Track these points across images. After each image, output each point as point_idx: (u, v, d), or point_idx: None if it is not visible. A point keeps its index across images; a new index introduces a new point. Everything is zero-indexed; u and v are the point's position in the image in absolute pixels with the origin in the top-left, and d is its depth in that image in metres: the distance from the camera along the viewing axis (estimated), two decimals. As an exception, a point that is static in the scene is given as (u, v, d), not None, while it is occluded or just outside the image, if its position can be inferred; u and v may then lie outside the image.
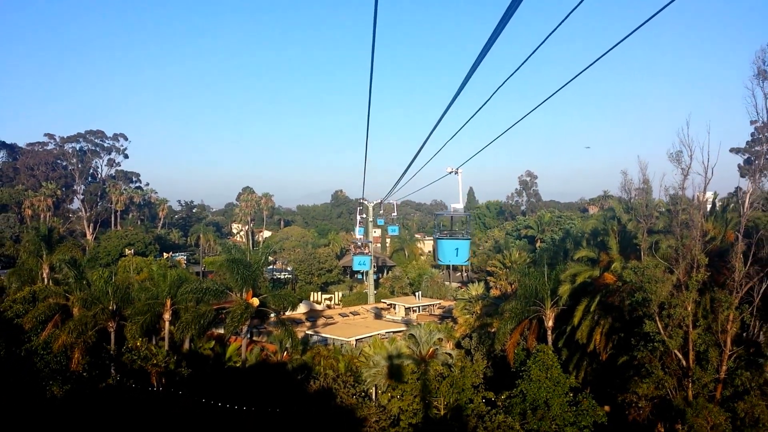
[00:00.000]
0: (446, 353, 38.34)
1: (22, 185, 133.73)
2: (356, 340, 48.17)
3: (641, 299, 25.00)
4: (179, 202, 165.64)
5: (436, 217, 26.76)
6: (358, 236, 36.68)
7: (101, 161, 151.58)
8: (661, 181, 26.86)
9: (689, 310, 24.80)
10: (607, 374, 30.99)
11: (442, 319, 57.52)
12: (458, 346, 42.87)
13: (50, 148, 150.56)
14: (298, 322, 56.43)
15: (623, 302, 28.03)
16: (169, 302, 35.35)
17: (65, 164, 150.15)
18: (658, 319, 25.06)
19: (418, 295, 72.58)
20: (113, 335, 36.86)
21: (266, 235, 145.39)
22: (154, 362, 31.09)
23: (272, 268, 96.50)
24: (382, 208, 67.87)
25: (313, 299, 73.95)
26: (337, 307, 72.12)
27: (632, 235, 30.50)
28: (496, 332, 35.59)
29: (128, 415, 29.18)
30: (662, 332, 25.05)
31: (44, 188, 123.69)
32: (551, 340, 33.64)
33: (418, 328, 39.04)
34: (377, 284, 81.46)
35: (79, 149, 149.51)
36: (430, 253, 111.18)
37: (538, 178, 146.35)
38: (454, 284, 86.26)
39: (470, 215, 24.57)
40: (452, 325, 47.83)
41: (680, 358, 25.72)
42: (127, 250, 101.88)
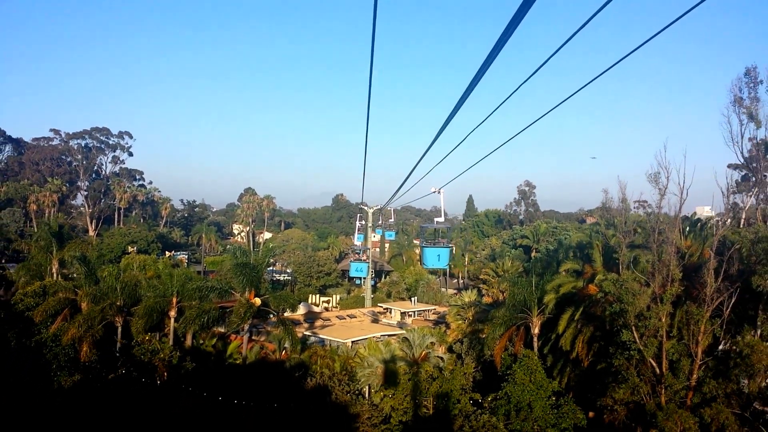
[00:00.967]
0: (438, 356, 40.10)
1: (27, 180, 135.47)
2: (352, 341, 49.82)
3: (618, 310, 26.78)
4: (182, 201, 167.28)
5: (422, 229, 29.55)
6: (357, 243, 38.33)
7: (106, 158, 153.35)
8: (638, 197, 28.65)
9: (663, 321, 26.56)
10: (588, 380, 32.72)
11: (436, 324, 59.15)
12: (450, 350, 44.55)
13: (55, 143, 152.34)
14: (296, 323, 57.98)
15: (604, 312, 29.78)
16: (174, 300, 37.13)
17: (70, 160, 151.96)
18: (634, 329, 26.82)
19: (413, 300, 74.28)
20: (120, 330, 38.59)
21: (267, 236, 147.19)
22: (161, 356, 32.88)
23: (272, 269, 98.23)
24: (381, 214, 69.62)
25: (311, 301, 75.63)
26: (334, 309, 73.77)
27: (615, 249, 32.28)
28: (485, 338, 37.32)
29: (135, 405, 30.89)
30: (638, 341, 26.81)
31: (50, 184, 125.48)
32: (537, 346, 35.42)
33: (411, 332, 40.79)
34: (375, 288, 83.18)
35: (84, 146, 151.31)
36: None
37: (536, 188, 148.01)
38: (450, 291, 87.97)
39: (450, 228, 27.68)
40: (445, 330, 49.52)
41: (654, 366, 27.47)
42: (129, 247, 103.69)
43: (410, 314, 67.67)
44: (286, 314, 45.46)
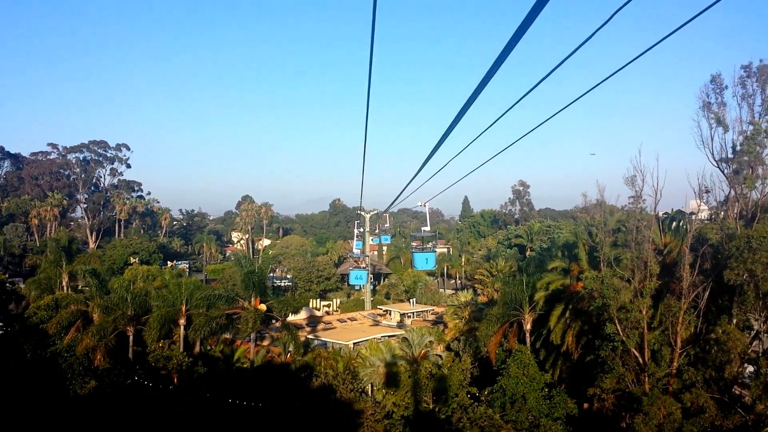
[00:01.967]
0: (436, 355, 41.98)
1: (27, 195, 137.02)
2: (354, 343, 51.64)
3: (601, 304, 28.67)
4: (180, 211, 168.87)
5: (412, 237, 32.98)
6: (356, 250, 40.10)
7: (104, 171, 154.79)
8: (616, 200, 30.56)
9: (644, 314, 28.43)
10: (578, 372, 34.59)
11: (434, 324, 60.97)
12: (448, 348, 46.35)
13: (53, 157, 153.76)
14: (299, 327, 59.74)
15: (590, 307, 31.64)
16: (183, 308, 38.92)
17: (68, 173, 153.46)
18: (617, 322, 28.69)
19: (412, 301, 76.13)
20: (131, 338, 40.32)
21: (266, 243, 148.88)
22: (174, 362, 34.66)
23: (272, 275, 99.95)
24: (378, 221, 71.30)
25: (312, 306, 77.39)
26: (335, 313, 75.56)
27: (600, 247, 34.17)
28: (480, 335, 39.16)
29: (151, 409, 32.63)
30: (621, 333, 28.68)
31: (50, 198, 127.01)
32: (530, 341, 37.29)
33: (411, 332, 42.66)
34: (374, 291, 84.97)
35: (82, 159, 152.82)
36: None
37: (530, 187, 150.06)
38: (448, 291, 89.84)
39: (434, 235, 31.78)
40: (443, 329, 51.37)
41: (637, 355, 29.35)
42: (132, 258, 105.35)
43: (409, 315, 69.52)
44: (288, 318, 47.31)
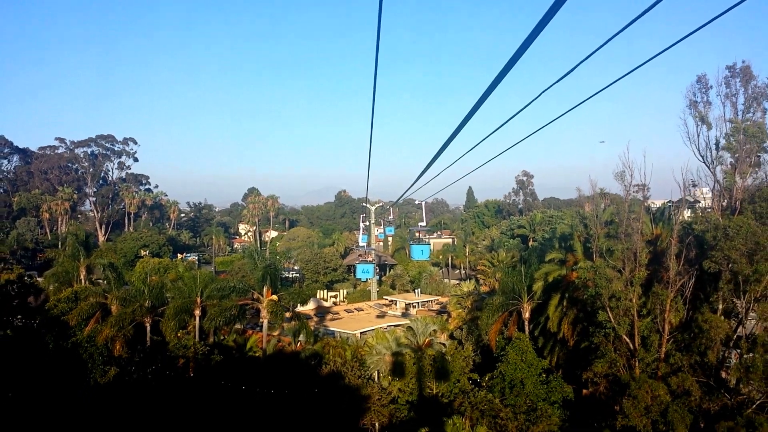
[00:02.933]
0: (440, 343, 43.90)
1: (37, 189, 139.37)
2: (361, 332, 53.65)
3: (594, 293, 30.45)
4: (188, 203, 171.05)
5: (410, 231, 36.79)
6: (361, 243, 41.86)
7: (112, 165, 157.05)
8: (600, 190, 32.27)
9: (634, 302, 30.22)
10: (574, 358, 36.45)
11: (439, 313, 62.85)
12: (451, 337, 48.28)
13: (61, 151, 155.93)
14: (307, 317, 61.78)
15: (585, 296, 33.44)
16: (199, 300, 40.90)
17: (76, 167, 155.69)
18: (609, 310, 30.49)
19: (417, 292, 78.06)
20: (149, 329, 42.35)
21: (272, 234, 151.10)
22: (192, 351, 36.69)
23: (280, 267, 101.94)
24: (384, 215, 73.10)
25: (319, 297, 79.41)
26: (342, 303, 77.58)
27: (593, 239, 35.92)
28: (481, 323, 41.03)
29: (170, 395, 34.65)
30: (612, 320, 30.49)
31: (61, 192, 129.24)
32: (528, 329, 39.15)
33: (415, 321, 44.57)
34: (380, 282, 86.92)
35: (90, 153, 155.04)
36: (431, 251, 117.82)
37: (534, 177, 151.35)
38: (453, 281, 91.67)
39: (429, 229, 37.41)
40: (447, 318, 53.28)
41: (628, 341, 31.15)
42: (142, 251, 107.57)
43: (414, 305, 71.43)
44: (297, 309, 49.32)
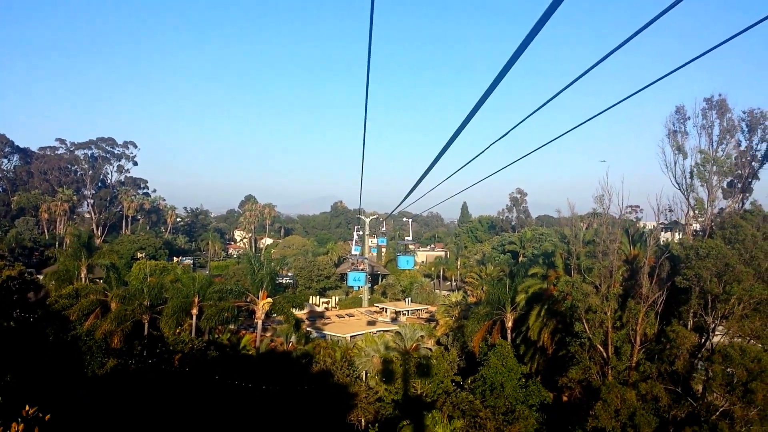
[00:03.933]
0: (426, 348, 45.78)
1: (36, 189, 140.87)
2: (351, 336, 55.35)
3: (571, 305, 32.43)
4: (185, 209, 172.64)
5: (398, 244, 39.71)
6: (354, 252, 43.64)
7: (111, 167, 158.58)
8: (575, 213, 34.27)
9: (608, 315, 32.18)
10: (552, 365, 38.32)
11: (428, 321, 64.67)
12: (438, 343, 50.08)
13: (61, 152, 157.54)
14: (300, 321, 63.53)
15: (563, 308, 35.42)
16: (196, 300, 42.69)
17: (76, 169, 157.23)
18: (585, 321, 32.43)
19: (407, 301, 79.88)
20: (146, 326, 44.06)
21: (268, 242, 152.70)
22: (189, 345, 38.44)
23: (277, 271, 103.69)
24: (377, 227, 75.03)
25: (312, 302, 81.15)
26: (334, 309, 79.31)
27: (573, 257, 38.00)
28: (467, 330, 42.92)
29: (166, 389, 36.32)
30: (588, 331, 32.43)
31: (61, 193, 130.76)
32: (511, 338, 41.07)
33: (404, 327, 46.43)
34: (372, 291, 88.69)
35: (90, 155, 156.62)
36: (423, 262, 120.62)
37: (527, 195, 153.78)
38: (443, 292, 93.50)
39: (415, 242, 40.36)
40: (434, 325, 55.10)
41: (602, 351, 33.07)
42: (138, 253, 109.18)
43: (404, 313, 73.18)
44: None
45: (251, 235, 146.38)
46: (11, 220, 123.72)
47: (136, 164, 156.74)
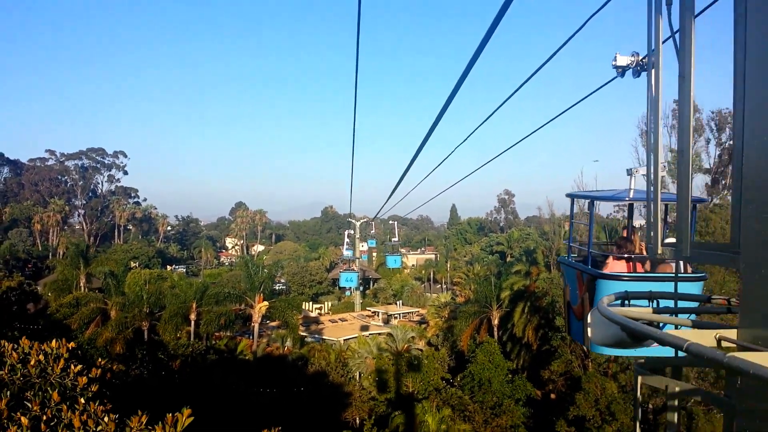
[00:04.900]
0: (417, 348, 47.51)
1: (28, 201, 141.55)
2: (344, 339, 56.92)
3: (550, 301, 34.28)
4: (176, 217, 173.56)
5: (385, 245, 40.65)
6: (345, 252, 45.40)
7: (102, 177, 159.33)
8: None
9: (587, 308, 34.05)
10: (537, 360, 40.17)
11: (419, 323, 66.40)
12: (429, 344, 51.83)
13: (51, 163, 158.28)
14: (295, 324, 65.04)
15: (544, 303, 37.28)
16: (194, 305, 44.21)
17: (66, 179, 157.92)
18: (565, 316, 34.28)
19: (399, 304, 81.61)
20: (146, 332, 45.50)
21: (259, 249, 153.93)
22: (190, 349, 39.95)
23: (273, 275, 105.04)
24: (367, 228, 76.88)
25: (305, 308, 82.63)
26: (327, 315, 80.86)
27: (555, 252, 39.93)
28: (455, 329, 44.71)
29: (167, 392, 37.79)
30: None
31: (53, 204, 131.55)
32: (498, 335, 42.87)
33: (395, 328, 48.18)
34: (363, 295, 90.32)
35: (80, 166, 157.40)
36: (413, 266, 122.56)
37: (515, 196, 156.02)
38: (434, 295, 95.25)
39: (401, 243, 42.47)
40: (425, 327, 56.88)
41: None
42: (132, 263, 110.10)
43: (396, 316, 74.86)
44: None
45: (242, 242, 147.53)
46: (4, 231, 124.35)
47: (126, 174, 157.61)
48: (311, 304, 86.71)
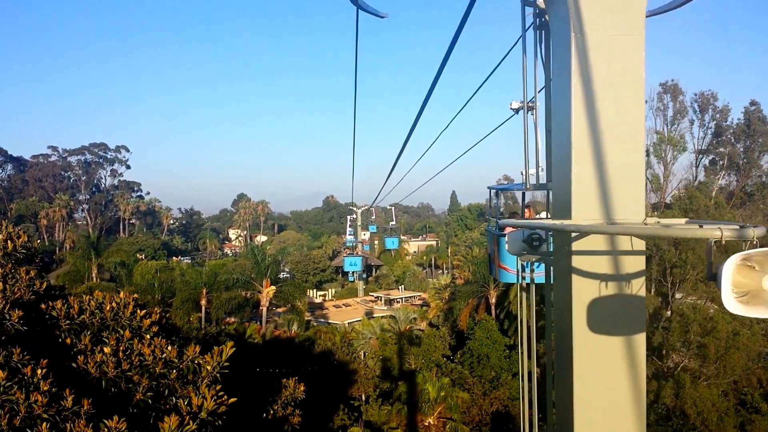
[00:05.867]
0: (419, 329, 49.54)
1: (33, 197, 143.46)
2: (348, 323, 58.99)
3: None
4: (179, 209, 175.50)
5: (384, 230, 42.72)
6: (348, 237, 47.22)
7: (105, 172, 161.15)
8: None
9: (579, 285, 35.91)
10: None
11: (421, 307, 68.39)
12: (430, 324, 53.82)
13: (54, 159, 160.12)
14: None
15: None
16: (204, 291, 46.16)
17: (69, 175, 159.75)
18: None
19: (401, 288, 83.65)
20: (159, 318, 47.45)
21: (262, 239, 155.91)
22: (203, 333, 41.92)
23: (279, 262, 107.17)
24: (368, 214, 78.65)
25: (309, 295, 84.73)
26: (331, 300, 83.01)
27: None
28: (455, 309, 46.62)
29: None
30: (560, 301, 36.16)
31: (58, 200, 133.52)
32: (495, 313, 44.76)
33: (398, 311, 50.17)
34: (366, 282, 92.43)
35: (83, 161, 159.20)
36: (415, 252, 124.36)
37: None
38: (435, 280, 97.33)
39: (397, 226, 44.52)
40: (426, 309, 58.86)
41: (574, 318, 36.82)
42: (138, 255, 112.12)
43: (398, 300, 76.91)
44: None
45: (246, 232, 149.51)
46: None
47: (128, 168, 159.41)
48: (315, 291, 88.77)
